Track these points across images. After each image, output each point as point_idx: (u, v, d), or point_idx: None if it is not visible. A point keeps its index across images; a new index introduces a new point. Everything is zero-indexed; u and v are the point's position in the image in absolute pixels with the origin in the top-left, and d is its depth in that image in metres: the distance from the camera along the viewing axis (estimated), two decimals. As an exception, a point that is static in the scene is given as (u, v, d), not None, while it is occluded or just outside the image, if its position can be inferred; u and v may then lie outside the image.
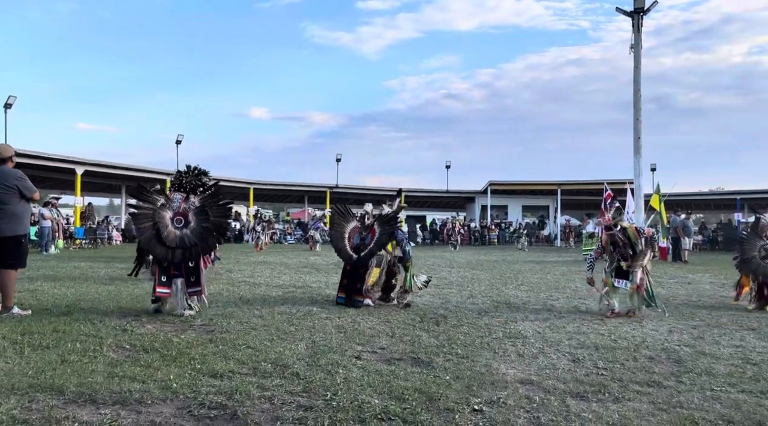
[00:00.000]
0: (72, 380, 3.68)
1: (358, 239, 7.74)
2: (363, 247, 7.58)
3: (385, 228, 7.56)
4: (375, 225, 7.68)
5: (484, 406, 3.44)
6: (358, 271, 7.49)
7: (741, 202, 31.78)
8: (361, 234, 7.77)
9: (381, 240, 7.46)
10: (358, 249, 7.62)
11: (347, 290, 7.48)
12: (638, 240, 7.04)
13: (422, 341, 5.24)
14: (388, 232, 7.52)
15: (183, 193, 6.70)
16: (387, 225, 7.59)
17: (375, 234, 7.57)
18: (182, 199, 6.67)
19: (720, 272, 14.01)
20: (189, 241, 6.37)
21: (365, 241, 7.64)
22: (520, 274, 12.62)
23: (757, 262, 7.96)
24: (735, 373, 4.30)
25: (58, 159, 23.06)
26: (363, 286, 7.40)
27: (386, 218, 7.72)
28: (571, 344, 5.25)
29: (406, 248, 7.69)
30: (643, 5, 19.83)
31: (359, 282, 7.44)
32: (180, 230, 6.41)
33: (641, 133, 19.84)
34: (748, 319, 6.81)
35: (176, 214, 6.50)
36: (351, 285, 7.48)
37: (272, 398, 3.48)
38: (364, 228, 7.82)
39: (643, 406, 3.52)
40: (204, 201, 6.66)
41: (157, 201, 6.54)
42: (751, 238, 8.28)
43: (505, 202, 36.58)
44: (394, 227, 7.62)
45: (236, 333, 5.38)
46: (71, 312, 6.27)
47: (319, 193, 35.44)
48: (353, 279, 7.49)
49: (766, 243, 8.04)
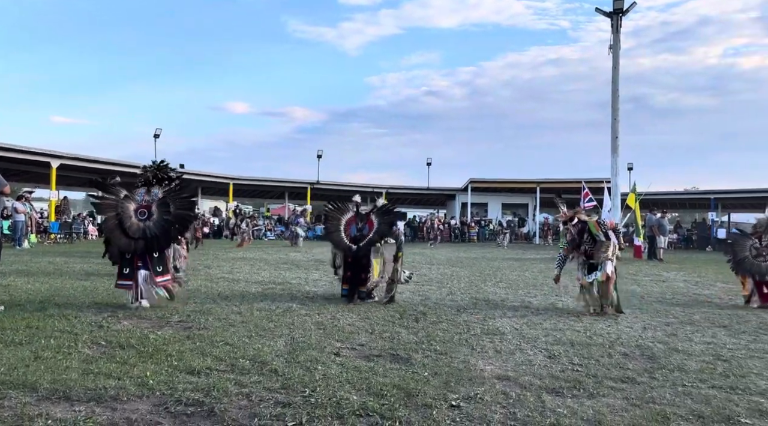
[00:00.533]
0: (45, 377, 3.63)
1: (355, 230, 7.75)
2: (361, 237, 7.62)
3: (384, 218, 7.70)
4: (372, 216, 7.77)
5: (462, 401, 3.47)
6: (360, 261, 7.52)
7: (715, 202, 32.38)
8: (357, 225, 7.78)
9: (381, 229, 7.59)
10: (356, 240, 7.64)
11: (351, 282, 7.55)
12: (599, 232, 7.08)
13: (401, 338, 5.26)
14: (387, 222, 7.68)
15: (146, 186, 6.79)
16: (386, 215, 7.74)
17: (373, 225, 7.65)
18: (145, 191, 6.76)
19: (694, 270, 14.27)
20: (150, 233, 6.48)
21: (363, 231, 7.67)
22: (498, 272, 12.72)
23: (750, 262, 8.11)
24: (706, 369, 4.39)
25: (32, 152, 22.61)
26: (367, 278, 7.46)
27: (384, 209, 7.85)
28: (547, 341, 5.31)
29: (401, 239, 7.90)
30: (622, 6, 20.10)
31: (363, 273, 7.49)
32: (143, 222, 6.52)
33: (619, 133, 20.13)
34: (720, 317, 6.95)
35: (140, 207, 6.61)
36: (355, 277, 7.53)
37: (250, 395, 3.47)
38: (360, 219, 7.84)
39: (617, 401, 3.58)
40: (166, 194, 6.74)
41: (119, 192, 6.67)
42: (740, 239, 8.42)
43: (485, 200, 36.79)
44: (393, 217, 7.80)
45: (214, 329, 5.34)
46: (45, 308, 6.17)
47: (300, 189, 35.26)
48: (356, 270, 7.53)
49: (755, 242, 8.18)
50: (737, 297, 8.82)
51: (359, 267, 7.52)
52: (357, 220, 7.84)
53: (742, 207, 36.53)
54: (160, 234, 6.53)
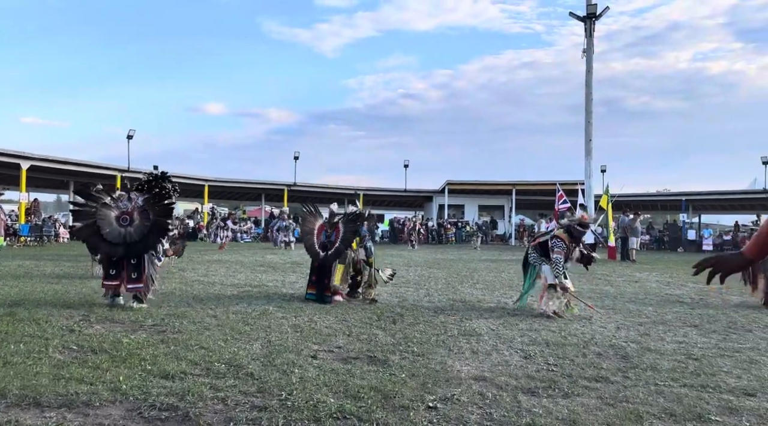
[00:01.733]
0: (15, 383, 3.54)
1: (324, 237, 7.97)
2: (329, 244, 7.79)
3: (349, 226, 7.82)
4: (339, 223, 7.93)
5: (439, 403, 3.48)
6: (325, 267, 7.70)
7: (686, 203, 33.01)
8: (327, 232, 7.99)
9: (346, 237, 7.72)
10: (325, 246, 7.83)
11: (317, 286, 7.69)
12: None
13: (379, 340, 5.26)
14: (352, 230, 7.80)
15: (135, 193, 7.04)
16: (351, 223, 7.87)
17: (340, 232, 7.80)
18: (127, 198, 7.03)
19: (666, 271, 14.53)
20: (130, 239, 6.70)
21: (330, 238, 7.88)
22: (475, 273, 12.80)
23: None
24: (678, 368, 4.48)
25: (2, 153, 22.09)
26: (330, 282, 7.63)
27: (351, 217, 7.98)
28: (523, 341, 5.37)
29: (367, 245, 8.00)
30: (595, 11, 20.41)
31: (327, 278, 7.68)
32: (124, 228, 6.74)
33: (592, 136, 20.42)
34: (691, 316, 7.09)
35: (123, 213, 6.82)
36: (320, 281, 7.69)
37: (225, 399, 3.43)
38: (330, 226, 8.04)
39: (591, 401, 3.63)
40: (146, 201, 6.96)
41: (100, 199, 6.86)
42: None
43: (462, 202, 36.97)
44: (358, 225, 7.91)
45: (189, 333, 5.28)
46: (15, 312, 6.03)
47: (277, 191, 35.01)
48: (321, 275, 7.70)
49: None
50: (708, 296, 9.01)
51: (324, 272, 7.70)
52: (327, 227, 8.05)
53: (712, 208, 37.35)
54: (139, 240, 6.72)
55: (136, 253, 6.73)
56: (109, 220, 6.72)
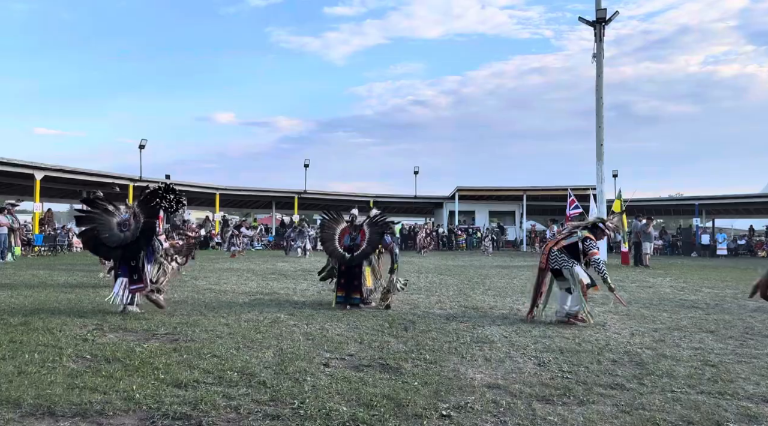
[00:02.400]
0: (29, 392, 3.56)
1: (349, 240, 8.19)
2: (355, 247, 8.04)
3: (375, 228, 8.08)
4: (365, 226, 8.16)
5: (452, 411, 3.46)
6: (352, 269, 7.96)
7: (699, 208, 32.73)
8: (351, 235, 8.22)
9: (373, 239, 7.99)
10: (350, 249, 8.07)
11: (345, 289, 7.94)
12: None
13: (391, 347, 5.24)
14: (378, 232, 8.05)
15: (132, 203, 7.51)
16: (377, 226, 8.12)
17: (365, 235, 8.06)
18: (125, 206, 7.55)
19: (680, 276, 14.39)
20: (125, 242, 7.07)
21: (356, 241, 8.11)
22: (487, 279, 12.74)
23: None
24: (694, 375, 4.42)
25: (16, 164, 22.32)
26: (360, 284, 7.89)
27: (376, 220, 8.21)
28: (536, 348, 5.32)
29: (395, 251, 8.28)
30: (605, 16, 20.33)
31: (356, 280, 7.93)
32: (123, 233, 7.14)
33: (603, 140, 20.29)
34: (707, 322, 7.01)
35: (124, 221, 7.25)
36: (349, 284, 7.94)
37: (238, 408, 3.43)
38: (354, 229, 8.26)
39: (607, 408, 3.59)
40: (137, 205, 7.36)
41: (102, 206, 7.28)
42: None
43: (473, 208, 36.89)
44: (384, 227, 8.16)
45: (201, 341, 5.29)
46: (29, 322, 6.07)
47: (287, 198, 35.12)
48: (349, 278, 7.96)
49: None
50: (724, 302, 8.90)
51: (352, 275, 7.93)
52: (351, 231, 8.25)
53: (726, 213, 37.02)
54: (134, 241, 7.05)
55: (132, 255, 7.05)
56: (109, 225, 7.13)
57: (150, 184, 7.71)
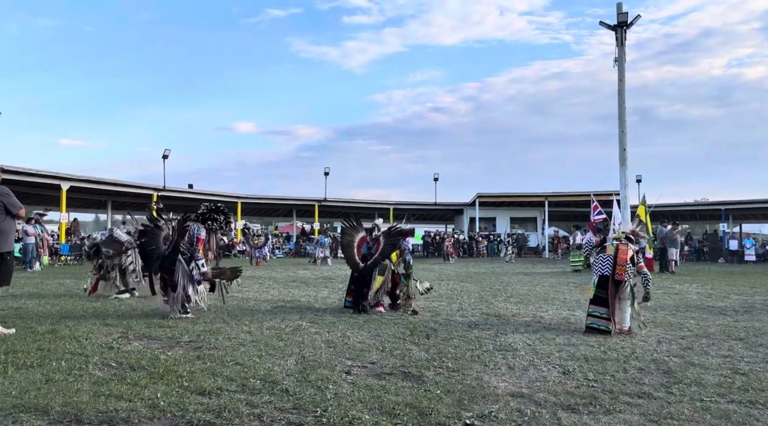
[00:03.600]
0: (57, 400, 3.61)
1: (366, 249, 8.58)
2: (369, 256, 8.37)
3: (389, 240, 8.33)
4: (381, 237, 8.46)
5: (476, 420, 3.42)
6: (364, 278, 8.24)
7: (726, 213, 32.11)
8: (368, 244, 8.60)
9: (385, 250, 8.24)
10: (366, 258, 8.42)
11: (355, 295, 8.27)
12: None
13: (413, 355, 5.22)
14: (391, 244, 8.29)
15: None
16: (391, 237, 8.37)
17: (380, 245, 8.33)
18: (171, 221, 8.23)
19: (707, 282, 14.11)
20: (162, 255, 7.66)
21: (371, 250, 8.44)
22: (508, 286, 12.64)
23: None
24: (724, 384, 4.31)
25: (43, 175, 22.79)
26: (369, 292, 8.10)
27: (392, 232, 8.53)
28: (561, 356, 5.25)
29: (407, 258, 8.44)
30: (626, 19, 20.14)
31: (366, 287, 8.17)
32: (165, 247, 7.73)
33: (626, 145, 20.04)
34: (736, 329, 6.85)
35: (168, 235, 7.88)
36: (358, 290, 8.24)
37: (261, 415, 3.43)
38: (372, 239, 8.62)
39: (634, 417, 3.52)
40: (177, 223, 7.96)
41: (157, 221, 8.05)
42: None
43: (493, 214, 36.61)
44: (398, 240, 8.37)
45: (224, 349, 5.32)
46: (56, 330, 6.17)
47: (308, 206, 35.29)
48: (360, 285, 8.25)
49: None
50: (753, 308, 8.70)
51: (363, 282, 8.22)
52: (369, 240, 8.63)
53: (753, 217, 36.25)
54: (167, 255, 7.61)
55: (167, 267, 7.53)
56: (157, 239, 7.82)
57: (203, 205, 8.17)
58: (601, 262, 6.87)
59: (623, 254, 6.75)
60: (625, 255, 6.74)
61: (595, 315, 6.61)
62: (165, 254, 7.59)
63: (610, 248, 6.96)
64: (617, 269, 6.70)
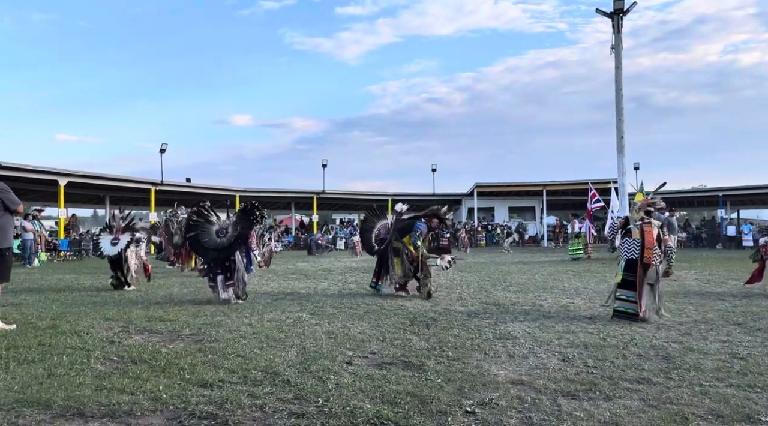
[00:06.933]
0: (59, 394, 3.62)
1: (385, 233, 9.61)
2: (383, 241, 9.43)
3: (397, 224, 9.28)
4: (391, 223, 9.52)
5: (477, 407, 3.44)
6: (383, 260, 9.27)
7: (723, 199, 32.15)
8: (388, 229, 9.57)
9: (392, 235, 9.19)
10: (381, 242, 9.49)
11: (377, 276, 9.35)
12: None
13: (413, 345, 5.24)
14: (398, 227, 9.21)
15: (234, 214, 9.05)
16: (399, 221, 9.29)
17: (390, 230, 9.34)
18: (226, 217, 9.26)
19: (705, 268, 14.16)
20: (221, 246, 8.39)
21: (386, 235, 9.44)
22: (508, 276, 12.67)
23: None
24: (723, 368, 4.34)
25: (40, 171, 22.70)
26: (390, 274, 9.07)
27: (400, 216, 9.40)
28: (560, 343, 5.27)
29: (413, 239, 8.95)
30: (623, 6, 20.05)
31: (384, 269, 9.21)
32: (220, 239, 8.47)
33: (624, 133, 20.02)
34: (734, 315, 6.89)
35: (222, 228, 8.60)
36: (379, 271, 9.32)
37: (263, 406, 3.45)
38: (391, 225, 9.56)
39: (634, 403, 3.54)
40: (236, 218, 8.73)
41: (207, 216, 8.69)
42: None
43: (492, 204, 36.63)
44: (403, 224, 9.18)
45: (225, 342, 5.33)
46: (57, 325, 6.19)
47: (306, 199, 35.27)
48: (381, 267, 9.32)
49: None
50: (751, 294, 8.74)
51: (382, 265, 9.26)
52: (389, 226, 9.59)
53: (751, 203, 36.28)
54: (227, 246, 8.34)
55: (226, 257, 8.29)
56: (210, 232, 8.50)
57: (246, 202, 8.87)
58: (627, 245, 6.83)
59: (649, 236, 6.70)
60: (651, 237, 6.69)
61: (623, 298, 6.66)
62: (225, 246, 8.32)
63: (636, 232, 6.82)
64: (645, 252, 6.66)
